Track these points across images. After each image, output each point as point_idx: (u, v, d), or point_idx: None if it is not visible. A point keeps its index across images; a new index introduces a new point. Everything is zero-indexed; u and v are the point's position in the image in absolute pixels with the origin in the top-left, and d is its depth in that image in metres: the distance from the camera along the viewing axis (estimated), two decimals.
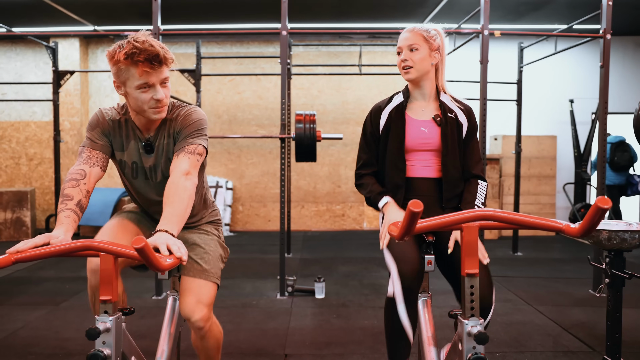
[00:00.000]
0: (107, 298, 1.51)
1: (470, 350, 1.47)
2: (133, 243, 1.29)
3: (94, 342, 1.50)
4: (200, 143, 1.98)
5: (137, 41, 1.81)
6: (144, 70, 1.82)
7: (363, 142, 2.33)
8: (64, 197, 1.83)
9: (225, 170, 8.01)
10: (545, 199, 7.55)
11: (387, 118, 2.25)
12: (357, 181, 2.33)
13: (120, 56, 1.81)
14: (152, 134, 2.04)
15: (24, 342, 3.32)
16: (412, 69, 2.18)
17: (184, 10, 6.52)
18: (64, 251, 1.50)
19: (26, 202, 7.07)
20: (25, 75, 7.97)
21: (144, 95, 1.88)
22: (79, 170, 1.92)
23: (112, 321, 1.51)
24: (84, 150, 1.99)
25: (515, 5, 6.24)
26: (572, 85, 7.89)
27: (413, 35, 2.18)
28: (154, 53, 1.82)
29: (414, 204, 1.20)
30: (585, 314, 3.91)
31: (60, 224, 1.73)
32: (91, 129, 2.03)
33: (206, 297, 2.03)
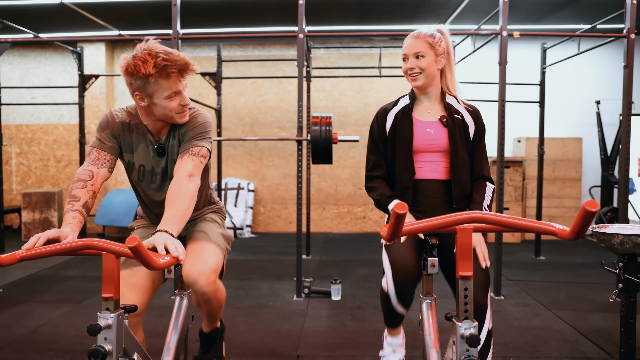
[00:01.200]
0: (109, 295, 1.55)
1: (463, 353, 1.47)
2: (127, 242, 1.32)
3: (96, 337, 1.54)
4: (204, 145, 2.01)
5: (160, 52, 1.85)
6: (177, 80, 1.88)
7: (371, 144, 2.35)
8: (72, 197, 1.87)
9: (247, 172, 8.07)
10: (570, 202, 7.41)
11: (394, 120, 2.27)
12: (367, 184, 2.36)
13: (149, 70, 1.83)
14: (162, 137, 2.08)
15: (45, 339, 3.41)
16: (420, 75, 2.21)
17: (206, 14, 6.60)
18: (67, 250, 1.55)
19: (53, 202, 7.22)
20: (54, 79, 8.17)
21: (172, 103, 1.92)
22: (86, 171, 1.96)
23: (114, 318, 1.54)
24: (92, 150, 2.03)
25: (539, 5, 6.15)
26: (598, 86, 7.73)
27: (419, 43, 2.20)
28: (184, 63, 1.87)
29: (398, 206, 1.21)
30: (605, 320, 3.83)
31: (67, 224, 1.78)
32: (101, 130, 2.06)
33: (212, 260, 2.02)
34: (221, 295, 2.17)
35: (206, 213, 2.30)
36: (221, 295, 2.17)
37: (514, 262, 5.75)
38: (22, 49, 8.18)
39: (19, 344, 3.31)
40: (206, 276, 1.96)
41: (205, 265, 1.98)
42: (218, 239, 2.15)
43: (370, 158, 2.35)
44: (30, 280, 5.03)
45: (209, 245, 2.07)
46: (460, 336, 1.47)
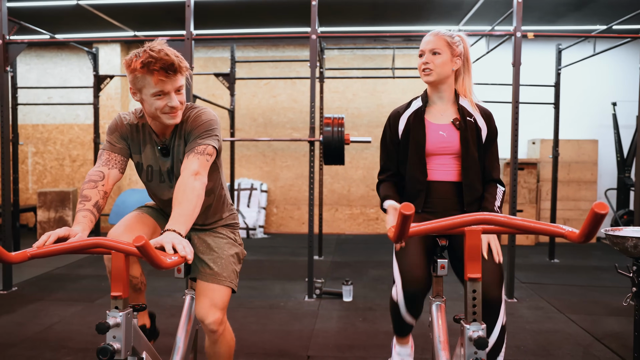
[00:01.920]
0: (118, 294, 1.56)
1: (471, 355, 1.46)
2: (134, 241, 1.32)
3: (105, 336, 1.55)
4: (210, 143, 2.00)
5: (152, 50, 1.86)
6: (160, 78, 1.87)
7: (383, 147, 2.37)
8: (83, 197, 1.89)
9: (260, 172, 8.10)
10: (585, 204, 7.33)
11: (406, 123, 2.27)
12: (377, 186, 2.38)
13: (136, 65, 1.86)
14: (167, 138, 2.09)
15: (59, 337, 3.45)
16: (433, 72, 2.20)
17: (220, 15, 6.63)
18: (76, 248, 1.56)
19: (68, 202, 7.30)
20: (69, 79, 8.25)
21: (159, 102, 1.92)
22: (97, 172, 1.98)
23: (122, 316, 1.56)
24: (103, 152, 2.06)
25: (554, 6, 6.10)
26: (614, 88, 7.64)
27: (436, 39, 2.21)
28: (169, 62, 1.86)
29: (405, 206, 1.21)
30: (619, 324, 3.79)
31: (78, 223, 1.79)
32: (110, 133, 2.09)
33: (219, 301, 2.09)
34: (230, 338, 2.22)
35: (219, 226, 2.29)
36: (230, 338, 2.22)
37: (527, 265, 5.70)
38: (38, 49, 8.28)
39: (33, 342, 3.35)
40: (214, 315, 2.07)
41: (214, 306, 2.08)
42: (227, 272, 2.17)
43: (381, 161, 2.36)
44: (45, 278, 5.09)
45: (216, 287, 2.12)
46: (469, 338, 1.46)
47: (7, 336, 3.45)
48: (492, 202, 2.21)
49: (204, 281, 2.12)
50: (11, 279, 4.64)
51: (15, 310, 4.01)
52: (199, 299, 2.09)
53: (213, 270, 2.13)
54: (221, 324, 2.09)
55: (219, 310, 2.08)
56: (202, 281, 2.13)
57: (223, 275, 2.14)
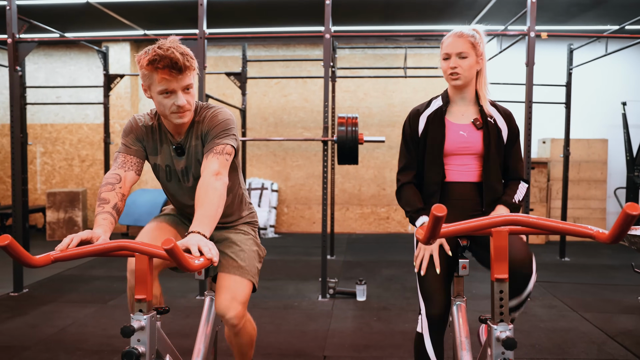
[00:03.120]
0: (142, 297, 1.55)
1: (499, 356, 1.47)
2: (162, 244, 1.32)
3: (129, 339, 1.55)
4: (228, 143, 2.00)
5: (161, 48, 1.86)
6: (163, 77, 1.86)
7: (403, 146, 2.31)
8: (101, 200, 1.89)
9: (271, 172, 8.12)
10: (595, 203, 7.33)
11: (426, 122, 2.25)
12: (397, 187, 2.30)
13: (143, 62, 1.87)
14: (182, 137, 2.09)
15: (73, 338, 3.45)
16: (461, 75, 2.15)
17: (231, 14, 6.64)
18: (100, 251, 1.56)
19: (78, 202, 7.29)
20: (78, 79, 8.24)
21: (166, 100, 1.92)
22: (114, 174, 1.98)
23: (147, 320, 1.55)
24: (119, 155, 2.06)
25: (566, 6, 6.09)
26: (625, 88, 7.63)
27: (462, 42, 2.15)
28: (174, 60, 1.85)
29: (437, 208, 1.23)
30: (632, 322, 3.81)
31: (98, 226, 1.79)
32: (125, 135, 2.09)
33: (241, 295, 2.07)
34: (251, 328, 2.21)
35: (240, 224, 2.30)
36: (251, 328, 2.21)
37: (539, 264, 5.62)
38: (47, 48, 8.26)
39: (47, 344, 3.35)
40: (235, 309, 2.03)
41: (235, 300, 2.05)
42: (250, 266, 2.16)
43: (402, 160, 2.31)
44: (57, 279, 5.09)
45: (239, 279, 2.10)
46: (496, 339, 1.47)
47: (21, 339, 3.45)
48: (512, 195, 2.18)
49: (226, 273, 2.10)
50: (22, 281, 4.61)
51: (28, 313, 4.01)
52: (220, 293, 2.06)
53: (237, 263, 2.12)
54: (242, 318, 2.07)
55: (240, 304, 2.05)
56: (224, 274, 2.10)
57: (246, 268, 2.13)
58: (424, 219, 2.15)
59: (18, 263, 1.50)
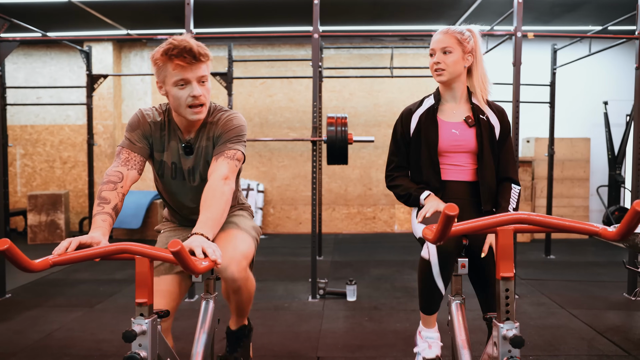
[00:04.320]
0: (143, 301, 1.53)
1: (505, 354, 1.48)
2: (169, 246, 1.30)
3: (130, 344, 1.51)
4: (240, 149, 2.00)
5: (175, 40, 1.88)
6: (177, 64, 1.86)
7: (393, 145, 2.33)
8: (102, 199, 1.84)
9: (257, 173, 8.08)
10: (578, 201, 7.43)
11: (418, 121, 2.25)
12: (390, 182, 2.32)
13: (157, 54, 1.88)
14: (192, 136, 2.06)
15: (60, 344, 3.37)
16: (445, 71, 2.18)
17: (216, 13, 6.60)
18: (100, 254, 1.53)
19: (60, 205, 7.14)
20: (59, 79, 8.07)
21: (182, 92, 1.90)
22: (116, 172, 1.93)
23: (148, 323, 1.53)
24: (122, 151, 2.00)
25: (549, 6, 6.16)
26: (606, 87, 7.76)
27: (447, 38, 2.18)
28: (187, 47, 1.85)
29: (450, 207, 1.23)
30: (619, 318, 3.87)
31: (97, 227, 1.75)
32: (131, 130, 2.03)
33: (243, 246, 2.01)
34: (251, 285, 2.14)
35: (234, 211, 2.29)
36: (251, 285, 2.14)
37: (525, 261, 5.76)
38: (27, 48, 8.08)
39: (33, 350, 3.27)
40: (237, 262, 1.94)
41: (237, 251, 1.96)
42: (248, 228, 2.15)
43: (393, 159, 2.33)
44: (41, 284, 4.97)
45: (239, 233, 2.05)
46: (503, 337, 1.48)
47: (5, 345, 3.36)
48: (506, 206, 2.19)
49: (224, 230, 2.05)
50: (4, 286, 4.48)
51: (12, 318, 3.91)
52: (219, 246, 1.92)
53: (236, 224, 2.10)
54: (244, 272, 1.99)
55: (243, 257, 1.97)
56: (222, 231, 2.04)
57: (246, 228, 2.10)
58: (427, 192, 2.18)
59: (16, 268, 1.46)
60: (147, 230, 7.26)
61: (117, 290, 4.70)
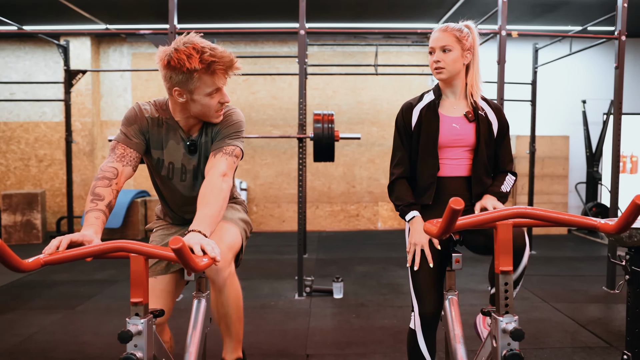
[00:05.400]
0: (138, 300, 1.50)
1: (505, 347, 1.50)
2: (170, 243, 1.28)
3: (125, 345, 1.49)
4: (238, 145, 1.97)
5: (206, 47, 1.81)
6: (219, 78, 1.84)
7: (397, 139, 2.30)
8: (95, 196, 1.79)
9: (239, 170, 8.03)
10: (558, 198, 7.55)
11: (419, 116, 2.26)
12: (390, 182, 2.30)
13: (195, 65, 1.78)
14: (194, 134, 2.03)
15: (40, 347, 3.30)
16: (445, 69, 2.17)
17: (198, 9, 6.52)
18: (94, 253, 1.49)
19: (36, 204, 6.99)
20: (34, 74, 7.83)
21: (212, 101, 1.89)
22: (111, 168, 1.88)
23: (144, 324, 1.50)
24: (118, 145, 1.94)
25: (531, 6, 6.24)
26: (585, 86, 7.89)
27: (446, 36, 2.18)
28: (230, 60, 1.84)
29: (455, 201, 1.24)
30: (600, 311, 3.97)
31: (90, 225, 1.70)
32: (128, 125, 1.97)
33: (228, 238, 1.97)
34: (237, 289, 2.08)
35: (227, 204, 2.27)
36: (237, 289, 2.08)
37: None
38: None
39: (12, 355, 3.19)
40: (222, 253, 1.86)
41: (222, 242, 1.92)
42: (237, 220, 2.12)
43: (397, 154, 2.30)
44: (16, 286, 4.83)
45: (225, 224, 2.01)
46: (503, 330, 1.50)
47: None
48: (499, 185, 2.22)
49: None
50: None
51: None
52: None
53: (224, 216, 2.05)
54: (228, 266, 1.94)
55: (227, 248, 1.93)
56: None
57: (234, 219, 2.07)
58: (414, 213, 2.17)
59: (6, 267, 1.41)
60: (127, 229, 7.17)
61: (98, 291, 4.63)
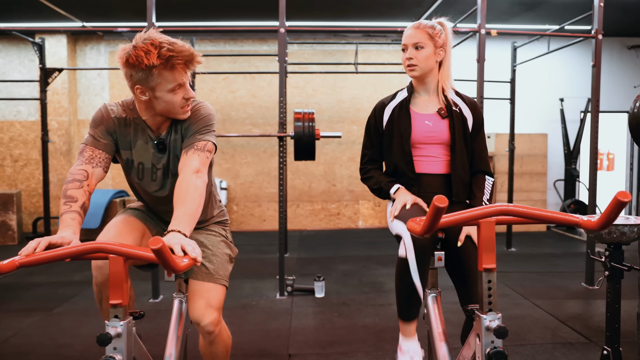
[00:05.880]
0: (118, 302, 1.48)
1: (488, 345, 1.49)
2: (150, 243, 1.26)
3: (104, 348, 1.47)
4: (210, 139, 1.94)
5: (164, 42, 1.78)
6: (179, 73, 1.80)
7: (367, 138, 2.32)
8: (68, 198, 1.77)
9: (220, 170, 7.98)
10: (537, 195, 7.63)
11: (391, 114, 2.25)
12: (363, 175, 2.30)
13: (153, 61, 1.75)
14: (163, 132, 1.99)
15: (18, 350, 3.24)
16: (417, 67, 2.17)
17: (177, 6, 6.45)
18: (72, 254, 1.47)
19: (12, 205, 6.86)
20: (8, 72, 7.70)
21: (176, 97, 1.85)
22: (81, 170, 1.85)
23: (124, 326, 1.48)
24: (86, 148, 1.92)
25: (510, 5, 6.29)
26: (562, 85, 7.99)
27: (419, 33, 2.17)
28: (190, 54, 1.80)
29: (439, 199, 1.22)
30: (580, 307, 4.01)
31: (67, 226, 1.68)
32: (95, 126, 1.94)
33: (215, 300, 2.00)
34: (226, 337, 2.13)
35: (211, 224, 2.23)
36: (226, 337, 2.13)
37: None
38: None
39: None
40: (210, 316, 1.96)
41: (210, 307, 1.98)
42: (223, 270, 2.10)
43: (366, 152, 2.32)
44: None
45: (212, 286, 2.02)
46: (486, 328, 1.49)
47: None
48: (480, 197, 2.20)
49: (199, 280, 2.01)
50: None
51: None
52: (194, 300, 1.97)
53: (209, 270, 2.03)
54: (218, 325, 2.00)
55: (215, 310, 1.98)
56: (196, 281, 2.01)
57: (219, 273, 2.06)
58: (397, 186, 2.18)
59: None
60: None
61: (77, 292, 4.55)
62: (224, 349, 2.12)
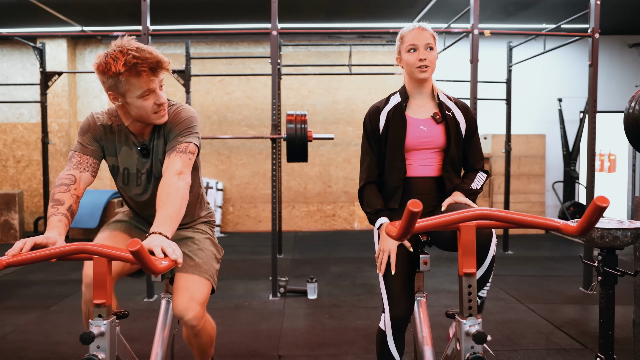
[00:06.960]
0: (101, 302, 1.50)
1: (468, 350, 1.47)
2: (128, 246, 1.28)
3: (88, 346, 1.49)
4: (191, 141, 1.96)
5: (131, 50, 1.79)
6: (146, 79, 1.81)
7: (366, 143, 2.25)
8: (55, 201, 1.82)
9: (216, 171, 7.97)
10: (534, 197, 7.59)
11: (386, 119, 2.21)
12: (360, 190, 2.25)
13: (119, 68, 1.77)
14: (146, 138, 2.02)
15: (14, 347, 3.29)
16: (429, 68, 2.12)
17: (173, 10, 6.47)
18: (57, 254, 1.50)
19: (14, 204, 6.98)
20: (11, 76, 7.89)
21: (147, 102, 1.87)
22: (69, 175, 1.91)
23: (107, 325, 1.50)
24: (74, 155, 1.98)
25: (504, 4, 6.26)
26: (560, 84, 7.95)
27: (428, 34, 2.14)
28: (156, 60, 1.81)
29: (413, 203, 1.20)
30: (576, 312, 3.95)
31: (53, 228, 1.72)
32: (82, 134, 2.01)
33: (199, 295, 2.00)
34: (210, 328, 2.14)
35: (198, 223, 2.24)
36: (210, 328, 2.14)
37: None
38: None
39: None
40: (194, 310, 1.95)
41: (194, 301, 1.97)
42: (208, 265, 2.10)
43: (365, 158, 2.26)
44: None
45: (197, 279, 2.03)
46: (466, 333, 1.46)
47: None
48: (469, 183, 2.17)
49: (183, 273, 2.02)
50: None
51: None
52: (178, 293, 1.98)
53: (194, 262, 2.05)
54: (201, 319, 2.01)
55: (199, 304, 1.98)
56: (181, 273, 2.03)
57: (204, 267, 2.06)
58: (382, 220, 2.12)
59: None
60: None
61: (74, 291, 4.58)
62: (208, 340, 2.14)
